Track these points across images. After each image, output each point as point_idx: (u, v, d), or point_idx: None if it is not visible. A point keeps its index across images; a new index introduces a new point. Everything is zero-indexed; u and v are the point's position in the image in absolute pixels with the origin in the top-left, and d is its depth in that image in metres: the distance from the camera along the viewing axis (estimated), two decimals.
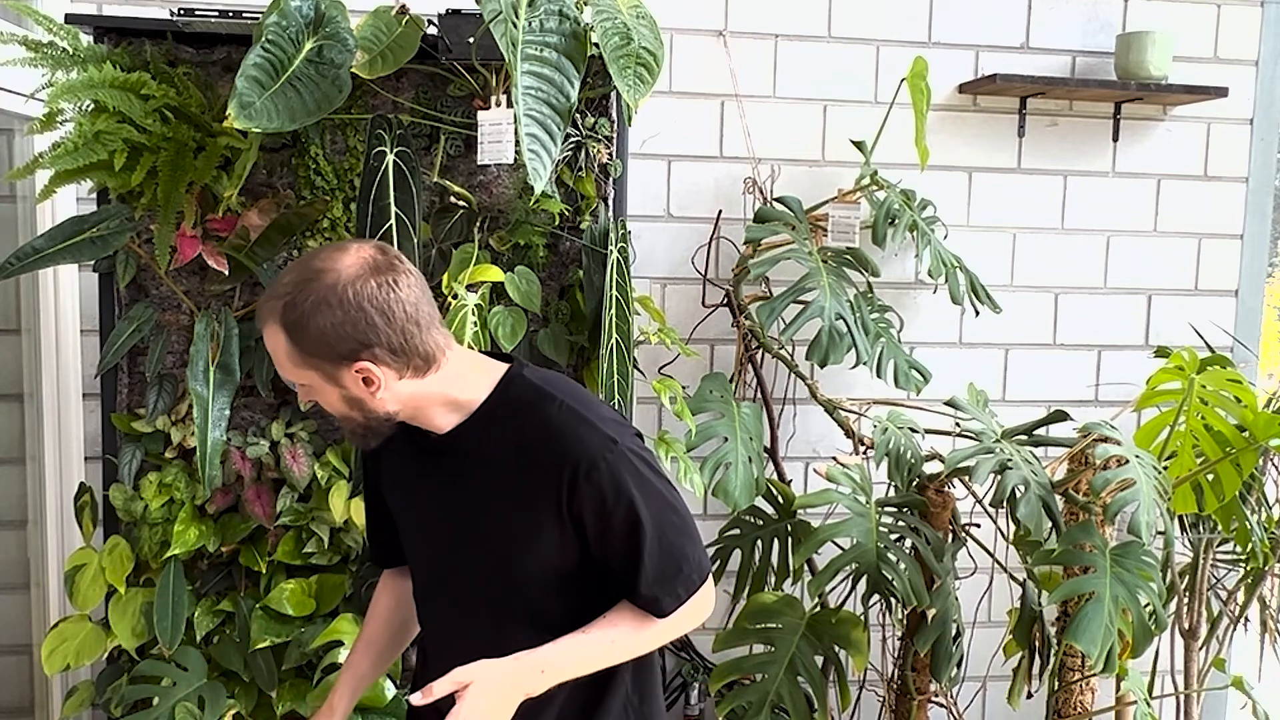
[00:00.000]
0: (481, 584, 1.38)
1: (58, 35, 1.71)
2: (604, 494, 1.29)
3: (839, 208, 2.38)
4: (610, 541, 1.32)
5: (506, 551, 1.35)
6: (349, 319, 1.24)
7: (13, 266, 1.76)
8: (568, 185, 1.97)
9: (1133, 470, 1.93)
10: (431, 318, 1.31)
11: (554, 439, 1.31)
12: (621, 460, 1.30)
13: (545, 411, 1.33)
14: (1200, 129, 2.70)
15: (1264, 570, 2.41)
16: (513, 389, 1.36)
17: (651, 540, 1.31)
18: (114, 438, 1.93)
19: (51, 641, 1.87)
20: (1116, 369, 2.72)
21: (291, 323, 1.26)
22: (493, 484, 1.35)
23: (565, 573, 1.35)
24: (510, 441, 1.33)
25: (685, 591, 1.36)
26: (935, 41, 2.57)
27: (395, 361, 1.28)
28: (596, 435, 1.31)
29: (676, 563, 1.34)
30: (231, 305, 1.93)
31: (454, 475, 1.37)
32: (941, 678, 2.07)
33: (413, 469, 1.43)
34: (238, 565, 1.96)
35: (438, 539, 1.42)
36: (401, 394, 1.31)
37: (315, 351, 1.26)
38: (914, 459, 2.11)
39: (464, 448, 1.36)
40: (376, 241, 1.32)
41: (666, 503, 1.34)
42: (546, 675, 1.31)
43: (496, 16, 1.58)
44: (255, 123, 1.62)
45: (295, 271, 1.28)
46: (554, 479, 1.30)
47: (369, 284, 1.25)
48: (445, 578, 1.44)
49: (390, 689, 1.85)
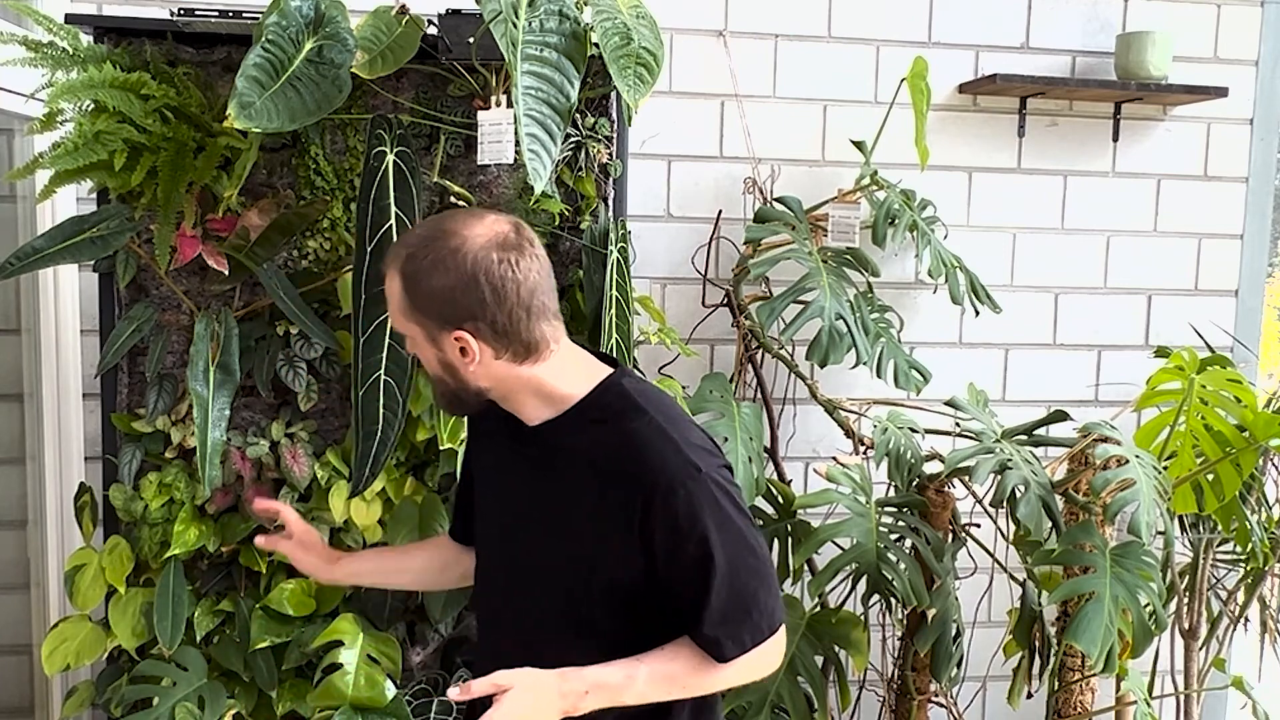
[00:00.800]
0: (540, 581, 1.37)
1: (58, 35, 1.71)
2: (678, 521, 1.25)
3: (839, 208, 2.38)
4: (678, 570, 1.28)
5: (570, 552, 1.33)
6: (460, 287, 1.25)
7: (13, 266, 1.76)
8: (568, 185, 1.97)
9: (1133, 470, 1.93)
10: (544, 308, 1.30)
11: (636, 453, 1.28)
12: (702, 489, 1.26)
13: (633, 423, 1.30)
14: (1200, 129, 2.70)
15: (1264, 570, 2.41)
16: (608, 394, 1.33)
17: (722, 578, 1.27)
18: (114, 438, 1.93)
19: (51, 641, 1.87)
20: (1116, 369, 2.72)
21: (409, 274, 1.28)
22: (571, 484, 1.32)
23: (625, 587, 1.31)
24: (595, 446, 1.31)
25: (751, 639, 1.30)
26: (935, 41, 2.57)
27: (495, 341, 1.28)
28: (680, 458, 1.27)
29: (746, 607, 1.29)
30: (231, 305, 1.93)
31: (536, 468, 1.36)
32: (941, 678, 2.08)
33: (503, 451, 1.42)
34: (238, 565, 1.96)
35: (506, 527, 1.42)
36: (495, 374, 1.31)
37: (422, 308, 1.28)
38: (914, 459, 2.11)
39: (550, 443, 1.34)
40: (515, 218, 1.31)
41: (745, 542, 1.29)
42: (590, 697, 1.28)
43: (496, 16, 1.58)
44: (255, 123, 1.61)
45: (428, 226, 1.29)
46: (630, 493, 1.27)
47: (490, 257, 1.25)
48: (506, 568, 1.43)
49: (390, 689, 1.85)
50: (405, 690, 1.91)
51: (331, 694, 1.82)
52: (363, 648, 1.87)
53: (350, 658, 1.85)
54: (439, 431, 1.83)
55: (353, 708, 1.83)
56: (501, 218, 1.31)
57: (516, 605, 1.40)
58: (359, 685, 1.83)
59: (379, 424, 1.77)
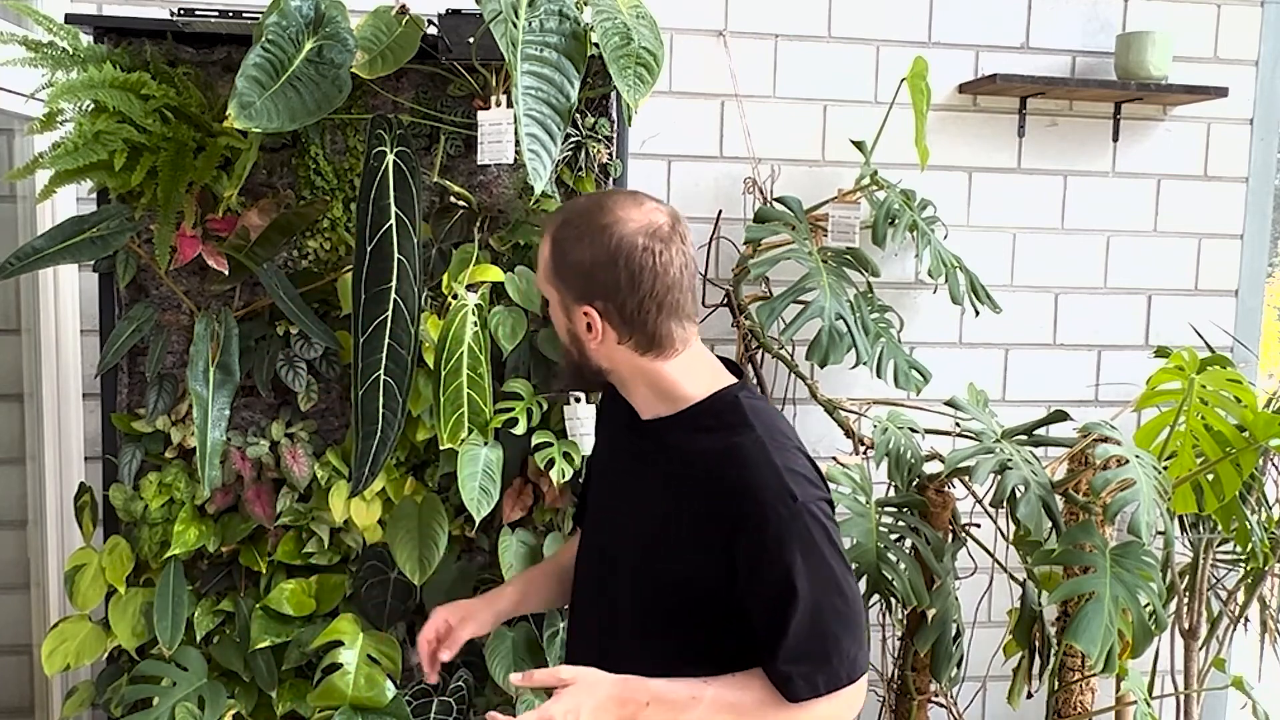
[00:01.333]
0: (621, 573, 1.36)
1: (58, 35, 1.71)
2: (765, 546, 1.22)
3: (839, 208, 2.38)
4: (757, 596, 1.25)
5: (654, 550, 1.32)
6: (599, 264, 1.26)
7: (13, 266, 1.76)
8: (568, 185, 1.97)
9: (1133, 470, 1.93)
10: (678, 306, 1.30)
11: (736, 469, 1.26)
12: (794, 520, 1.22)
13: (739, 438, 1.28)
14: (1200, 129, 2.70)
15: (1264, 570, 2.41)
16: (720, 404, 1.33)
17: (802, 615, 1.23)
18: (114, 438, 1.93)
19: (51, 641, 1.87)
20: (1116, 369, 2.72)
21: (558, 240, 1.30)
22: (668, 484, 1.31)
23: (699, 596, 1.29)
24: (699, 453, 1.29)
25: (826, 685, 1.24)
26: (935, 41, 2.57)
27: (621, 325, 1.28)
28: (778, 483, 1.24)
29: (825, 650, 1.24)
30: (231, 305, 1.93)
31: (640, 461, 1.36)
32: (941, 678, 2.08)
33: (617, 437, 1.43)
34: (238, 565, 1.96)
35: (603, 512, 1.43)
36: (616, 358, 1.32)
37: (563, 276, 1.30)
38: (914, 459, 2.11)
39: (659, 440, 1.34)
40: (676, 211, 1.32)
41: (833, 583, 1.24)
42: (651, 710, 1.25)
43: (496, 16, 1.58)
44: (255, 123, 1.61)
45: (591, 199, 1.32)
46: (723, 508, 1.25)
47: (635, 243, 1.26)
48: (597, 555, 1.43)
49: (390, 689, 1.85)
50: (405, 690, 1.91)
51: (331, 694, 1.82)
52: (363, 648, 1.87)
53: (350, 658, 1.85)
54: (439, 431, 1.83)
55: (353, 708, 1.83)
56: (662, 208, 1.31)
57: (599, 593, 1.40)
58: (359, 685, 1.83)
59: (379, 424, 1.77)
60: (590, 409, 1.93)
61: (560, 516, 1.98)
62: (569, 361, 1.38)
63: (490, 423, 1.87)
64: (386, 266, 1.75)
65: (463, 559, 1.99)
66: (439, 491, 1.95)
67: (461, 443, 1.84)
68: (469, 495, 1.83)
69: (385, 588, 1.94)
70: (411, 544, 1.88)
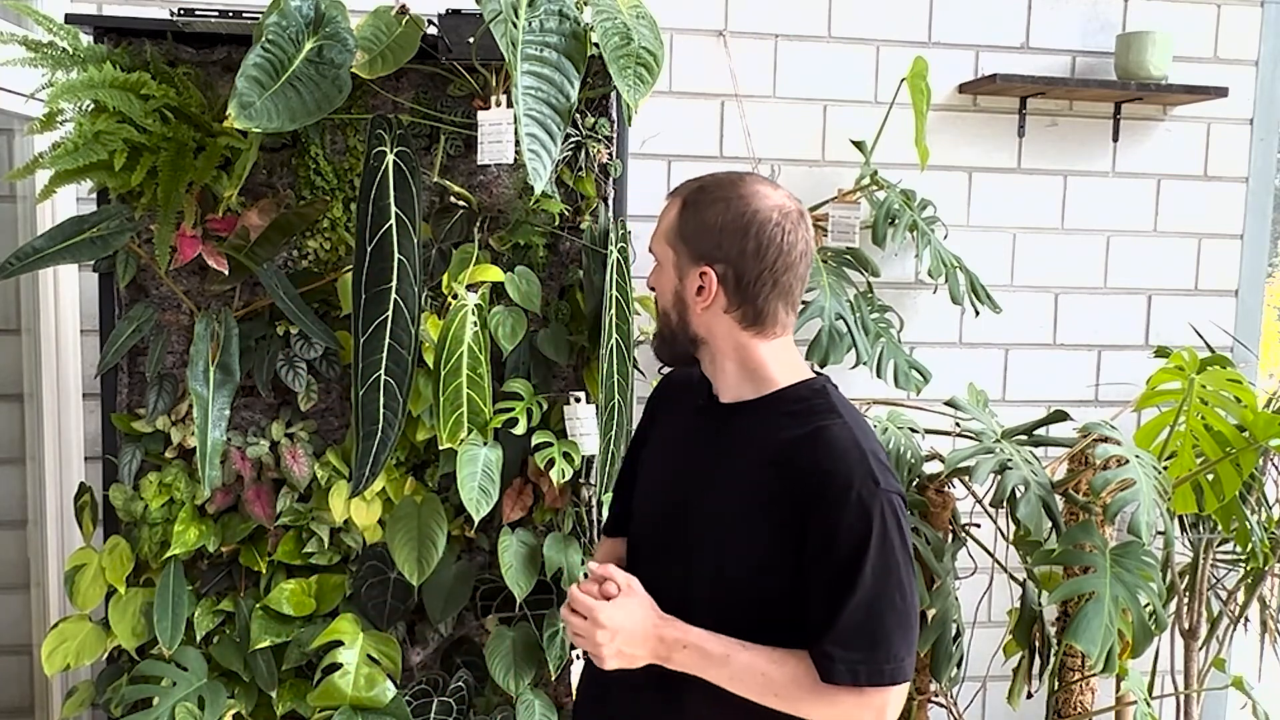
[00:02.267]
0: (684, 555, 1.36)
1: (58, 35, 1.71)
2: (841, 523, 1.22)
3: (839, 208, 2.38)
4: (822, 572, 1.24)
5: (721, 529, 1.32)
6: (730, 228, 1.29)
7: (13, 266, 1.76)
8: (568, 185, 1.97)
9: (1133, 470, 1.93)
10: (789, 289, 1.32)
11: (824, 448, 1.26)
12: (876, 502, 1.23)
13: (826, 421, 1.29)
14: (1200, 129, 2.70)
15: (1264, 570, 2.41)
16: (808, 391, 1.34)
17: (861, 600, 1.22)
18: (114, 438, 1.93)
19: (51, 641, 1.88)
20: (1116, 369, 2.72)
21: (692, 201, 1.33)
22: (744, 466, 1.32)
23: (764, 576, 1.28)
24: (782, 435, 1.30)
25: (866, 676, 1.22)
26: (935, 41, 2.57)
27: (733, 293, 1.31)
28: (865, 466, 1.24)
29: (875, 640, 1.23)
30: (231, 305, 1.93)
31: (717, 445, 1.36)
32: (941, 677, 2.07)
33: (684, 424, 1.43)
34: (238, 565, 1.96)
35: (665, 499, 1.42)
36: (716, 329, 1.33)
37: (687, 235, 1.32)
38: (914, 459, 2.11)
39: (737, 422, 1.35)
40: (803, 206, 1.35)
41: (897, 578, 1.24)
42: (686, 653, 1.27)
43: (496, 16, 1.58)
44: (255, 123, 1.62)
45: (731, 174, 1.35)
46: (805, 483, 1.25)
47: (769, 217, 1.29)
48: (655, 539, 1.43)
49: (390, 689, 1.85)
50: (405, 690, 1.91)
51: (331, 694, 1.82)
52: (363, 648, 1.87)
53: (350, 658, 1.85)
54: (439, 431, 1.83)
55: (352, 708, 1.83)
56: (794, 199, 1.35)
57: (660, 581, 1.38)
58: (359, 685, 1.83)
59: (379, 424, 1.77)
60: (590, 408, 1.93)
61: (560, 517, 1.98)
62: (665, 328, 1.38)
63: (490, 423, 1.87)
64: (386, 266, 1.75)
65: (462, 559, 1.99)
66: (439, 491, 1.95)
67: (461, 443, 1.84)
68: (468, 495, 1.83)
69: (385, 588, 1.94)
70: (411, 544, 1.88)
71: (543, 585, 1.94)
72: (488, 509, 1.85)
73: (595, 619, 1.27)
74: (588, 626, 1.27)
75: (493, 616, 1.99)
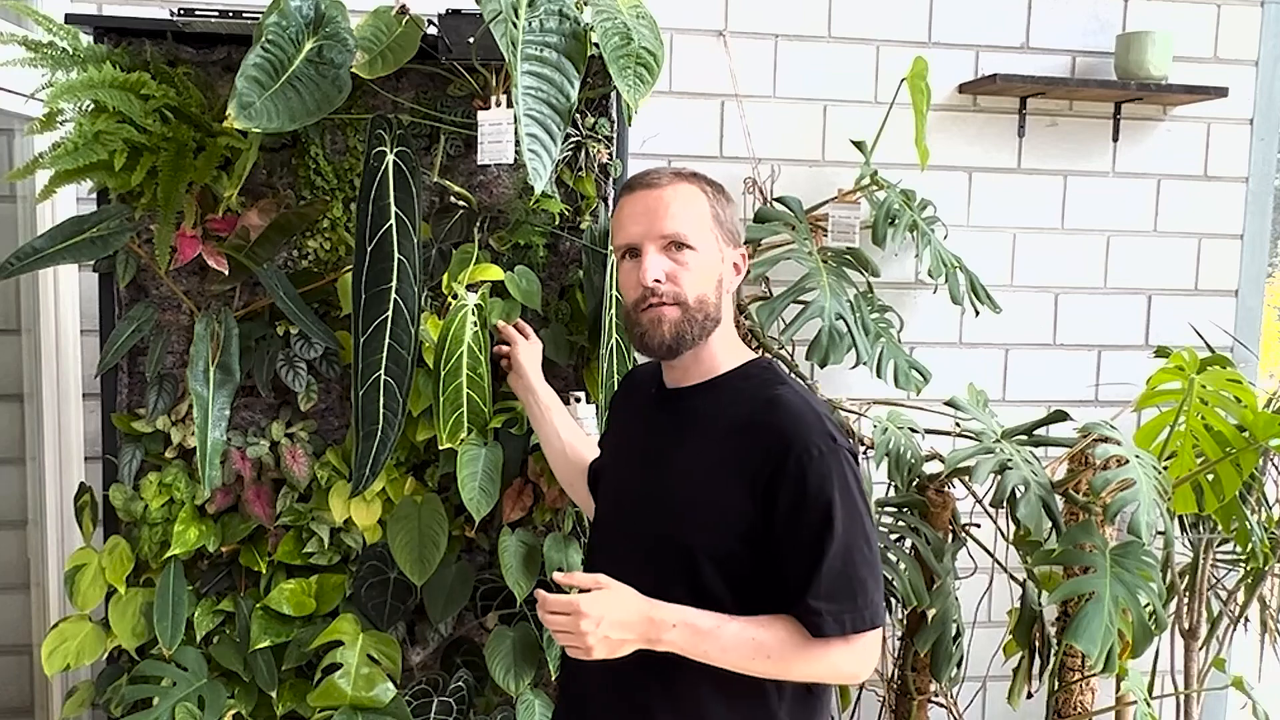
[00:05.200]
0: (652, 533, 1.39)
1: (58, 35, 1.71)
2: (807, 483, 1.28)
3: (839, 208, 2.38)
4: (795, 533, 1.29)
5: (688, 503, 1.35)
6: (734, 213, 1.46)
7: (13, 266, 1.76)
8: (568, 185, 1.97)
9: (1133, 470, 1.93)
10: None
11: (777, 415, 1.33)
12: (834, 460, 1.30)
13: (777, 390, 1.37)
14: (1200, 129, 2.70)
15: (1264, 570, 2.41)
16: (756, 367, 1.44)
17: (835, 553, 1.28)
18: (114, 438, 1.93)
19: (51, 641, 1.87)
20: (1116, 369, 2.72)
21: (715, 193, 1.44)
22: (701, 443, 1.38)
23: (735, 545, 1.32)
24: (734, 407, 1.37)
25: (851, 624, 1.30)
26: (935, 41, 2.57)
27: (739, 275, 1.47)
28: (821, 426, 1.31)
29: (853, 590, 1.30)
30: (231, 305, 1.92)
31: (674, 427, 1.42)
32: (941, 678, 2.07)
33: (649, 416, 1.49)
34: (238, 565, 1.96)
35: (627, 482, 1.47)
36: (726, 308, 1.44)
37: (725, 222, 1.43)
38: (914, 459, 2.11)
39: (694, 403, 1.42)
40: None
41: (863, 529, 1.31)
42: (676, 631, 1.29)
43: (496, 16, 1.58)
44: (255, 123, 1.61)
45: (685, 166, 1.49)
46: (763, 449, 1.31)
47: None
48: (621, 524, 1.47)
49: (390, 689, 1.85)
50: (405, 690, 1.91)
51: (331, 694, 1.82)
52: (362, 648, 1.87)
53: (350, 658, 1.85)
54: (439, 432, 1.83)
55: (352, 707, 1.83)
56: None
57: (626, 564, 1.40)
58: (359, 685, 1.83)
59: (379, 424, 1.77)
60: (591, 408, 1.93)
61: (560, 517, 1.98)
62: (700, 315, 1.40)
63: (490, 423, 1.87)
64: (386, 266, 1.75)
65: (462, 559, 1.98)
66: (439, 491, 1.95)
67: (461, 443, 1.84)
68: (468, 495, 1.83)
69: (385, 588, 1.94)
70: (411, 544, 1.88)
71: (543, 585, 1.94)
72: (488, 509, 1.85)
73: (577, 610, 1.27)
74: (570, 621, 1.28)
75: (493, 616, 1.99)
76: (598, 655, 1.29)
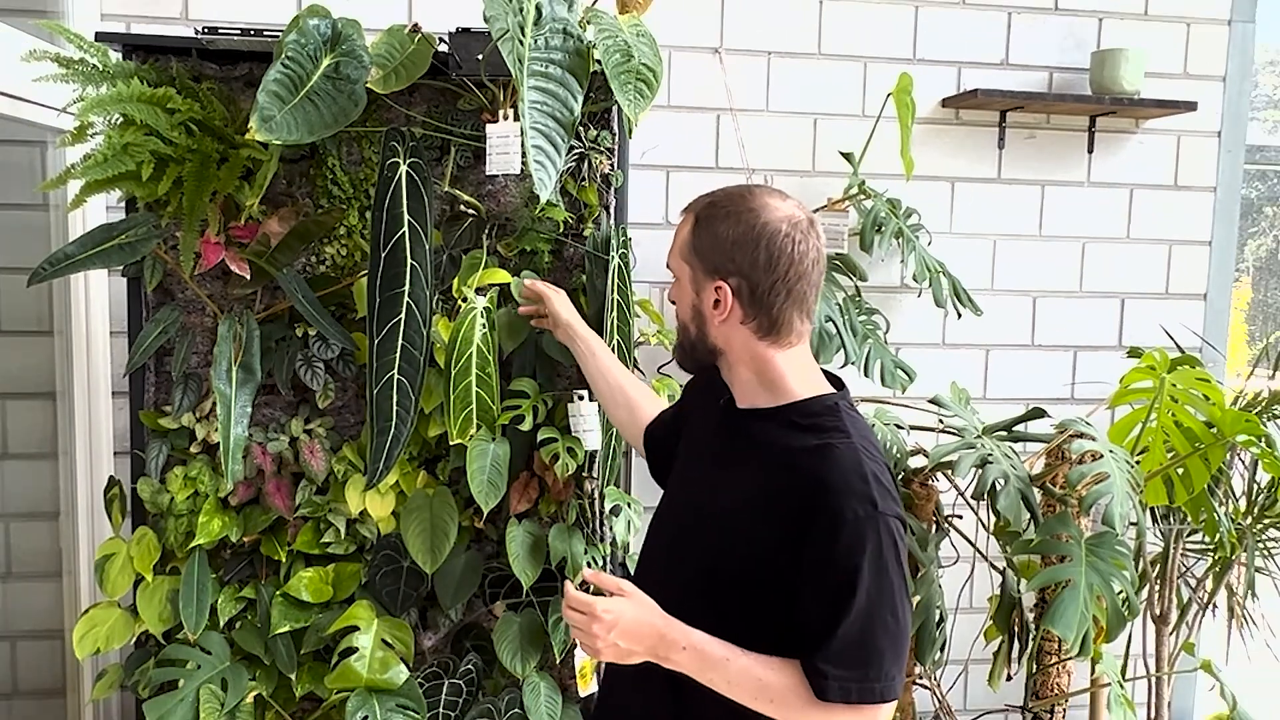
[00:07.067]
0: (685, 543, 1.35)
1: (88, 53, 1.72)
2: (837, 546, 1.19)
3: (828, 215, 2.39)
4: (817, 592, 1.21)
5: (723, 530, 1.29)
6: (742, 241, 1.27)
7: (46, 272, 1.76)
8: (571, 194, 1.97)
9: (1107, 464, 1.93)
10: (804, 297, 1.31)
11: (827, 466, 1.23)
12: (872, 526, 1.19)
13: (832, 440, 1.25)
14: (1171, 141, 2.70)
15: (1231, 559, 2.41)
16: (820, 406, 1.31)
17: (854, 620, 1.19)
18: (141, 434, 1.93)
19: (82, 627, 1.88)
20: (1091, 368, 2.72)
21: (703, 218, 1.32)
22: (753, 471, 1.29)
23: (761, 580, 1.26)
24: (790, 447, 1.27)
25: (858, 695, 1.20)
26: (920, 58, 2.57)
27: (748, 304, 1.29)
28: (864, 488, 1.20)
29: (866, 660, 1.20)
30: (253, 308, 1.93)
31: (732, 448, 1.34)
32: (925, 661, 2.08)
33: (712, 422, 1.41)
34: (259, 554, 1.96)
35: (679, 497, 1.42)
36: (733, 339, 1.32)
37: (700, 251, 1.31)
38: (900, 454, 2.11)
39: (753, 430, 1.32)
40: (812, 214, 1.33)
41: (890, 600, 1.20)
42: (685, 654, 1.25)
43: (504, 35, 1.58)
44: (275, 135, 1.62)
45: (740, 188, 1.33)
46: (804, 500, 1.22)
47: (779, 229, 1.27)
48: (669, 519, 1.42)
49: (403, 672, 1.85)
50: (417, 673, 1.92)
51: (347, 677, 1.83)
52: (377, 633, 1.87)
53: (365, 642, 1.85)
54: (449, 427, 1.83)
55: (368, 689, 1.83)
56: (803, 207, 1.32)
57: (665, 570, 1.38)
58: (373, 668, 1.84)
59: (393, 420, 1.78)
60: (593, 406, 1.93)
61: (565, 508, 1.98)
62: (684, 341, 1.37)
63: (498, 419, 1.88)
64: (400, 271, 1.75)
65: (472, 548, 1.99)
66: (449, 484, 1.95)
67: (471, 438, 1.85)
68: (478, 488, 1.83)
69: (398, 576, 1.94)
70: (423, 534, 1.88)
71: (548, 573, 1.94)
72: (496, 501, 1.85)
73: (593, 612, 1.25)
74: (585, 620, 1.25)
75: (500, 603, 1.99)
76: (605, 659, 1.27)
